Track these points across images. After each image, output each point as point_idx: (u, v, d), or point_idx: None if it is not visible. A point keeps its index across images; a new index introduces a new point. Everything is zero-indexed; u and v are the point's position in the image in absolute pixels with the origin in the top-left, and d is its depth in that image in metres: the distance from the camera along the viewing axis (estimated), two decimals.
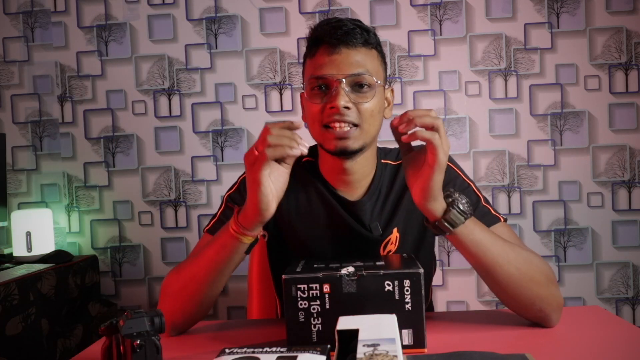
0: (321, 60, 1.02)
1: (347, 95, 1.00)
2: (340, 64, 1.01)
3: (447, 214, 0.91)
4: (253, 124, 2.16)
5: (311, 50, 1.06)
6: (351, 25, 1.03)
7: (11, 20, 2.20)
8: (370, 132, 1.04)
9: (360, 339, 0.67)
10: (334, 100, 1.00)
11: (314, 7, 2.13)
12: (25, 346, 1.64)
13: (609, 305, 2.12)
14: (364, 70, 1.02)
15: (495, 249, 0.94)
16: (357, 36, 1.02)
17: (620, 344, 0.91)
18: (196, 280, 1.00)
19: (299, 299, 0.88)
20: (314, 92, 1.04)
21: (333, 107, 1.00)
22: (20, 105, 2.21)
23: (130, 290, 2.21)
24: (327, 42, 1.02)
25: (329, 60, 1.02)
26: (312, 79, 1.03)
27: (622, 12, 2.08)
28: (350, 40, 1.01)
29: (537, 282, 0.96)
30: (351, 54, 1.02)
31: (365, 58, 1.03)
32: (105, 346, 0.80)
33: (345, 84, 1.01)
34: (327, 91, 1.02)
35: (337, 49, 1.01)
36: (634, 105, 2.09)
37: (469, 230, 0.93)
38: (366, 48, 1.04)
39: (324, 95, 1.02)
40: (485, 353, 0.81)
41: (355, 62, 1.01)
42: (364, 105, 1.02)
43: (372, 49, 1.05)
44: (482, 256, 0.94)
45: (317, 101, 1.03)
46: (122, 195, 2.20)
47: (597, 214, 2.11)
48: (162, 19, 2.17)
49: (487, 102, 2.12)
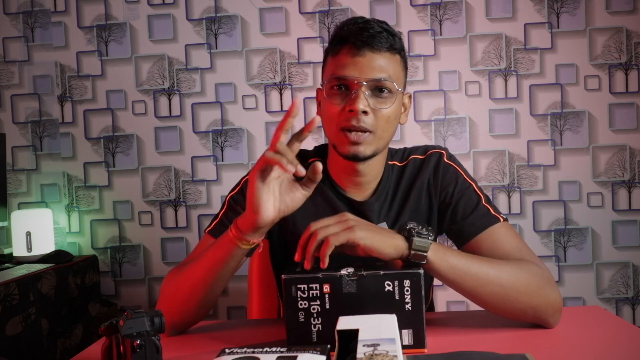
0: (344, 60, 1.02)
1: (366, 100, 1.00)
2: (363, 67, 1.00)
3: (412, 245, 0.90)
4: (253, 124, 2.16)
5: (334, 48, 1.04)
6: (378, 28, 1.02)
7: (11, 20, 2.20)
8: (384, 138, 1.04)
9: (360, 339, 0.67)
10: (354, 103, 0.99)
11: (314, 7, 2.13)
12: (25, 346, 1.64)
13: (609, 305, 2.12)
14: (386, 75, 1.01)
15: (473, 270, 0.93)
16: (383, 40, 1.01)
17: (620, 344, 0.91)
18: (194, 283, 1.00)
19: (299, 299, 0.88)
20: (333, 91, 1.03)
21: (352, 110, 0.99)
22: (20, 105, 2.21)
23: (130, 290, 2.21)
24: (352, 43, 1.01)
25: (352, 62, 1.01)
26: (333, 78, 1.02)
27: (622, 12, 2.08)
28: (376, 43, 1.00)
29: (526, 293, 0.94)
30: (375, 57, 1.01)
31: (389, 63, 1.02)
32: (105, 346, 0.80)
33: (366, 88, 1.00)
34: (346, 92, 1.02)
35: (361, 51, 1.00)
36: (634, 105, 2.09)
37: (443, 256, 0.92)
38: (390, 53, 1.02)
39: (344, 97, 1.02)
40: (486, 353, 0.81)
41: (378, 67, 1.01)
42: (382, 112, 1.01)
43: (396, 54, 1.04)
44: (462, 281, 0.93)
45: (335, 101, 1.02)
46: (122, 195, 2.20)
47: (597, 214, 2.11)
48: (162, 19, 2.17)
49: (487, 102, 2.12)
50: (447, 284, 0.95)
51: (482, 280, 0.93)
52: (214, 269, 0.98)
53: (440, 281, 0.96)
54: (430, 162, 1.14)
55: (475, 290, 0.94)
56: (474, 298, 0.96)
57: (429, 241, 0.90)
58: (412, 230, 0.90)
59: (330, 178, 1.13)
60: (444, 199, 1.11)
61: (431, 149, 1.16)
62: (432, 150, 1.15)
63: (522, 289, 0.94)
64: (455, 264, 0.92)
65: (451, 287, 0.95)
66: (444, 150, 1.15)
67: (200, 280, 0.99)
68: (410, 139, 2.11)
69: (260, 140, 2.16)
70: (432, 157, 1.14)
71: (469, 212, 1.07)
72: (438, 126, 2.12)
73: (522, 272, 0.96)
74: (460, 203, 1.09)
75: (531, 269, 0.97)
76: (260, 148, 2.16)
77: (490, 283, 0.93)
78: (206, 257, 0.99)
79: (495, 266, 0.95)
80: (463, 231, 1.07)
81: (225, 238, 0.96)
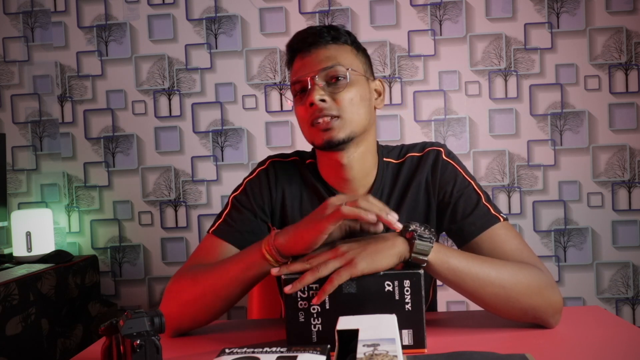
0: (296, 66, 1.08)
1: (321, 90, 1.03)
2: (311, 63, 1.05)
3: (413, 248, 0.89)
4: (253, 124, 2.16)
5: (289, 63, 1.11)
6: (319, 28, 1.08)
7: (11, 20, 2.20)
8: (354, 120, 1.04)
9: (360, 339, 0.67)
10: (309, 96, 1.03)
11: (314, 7, 2.13)
12: (25, 346, 1.64)
13: (609, 305, 2.12)
14: (335, 62, 1.04)
15: (474, 272, 0.93)
16: (324, 35, 1.06)
17: (620, 344, 0.91)
18: (216, 294, 0.99)
19: (299, 299, 0.88)
20: (297, 97, 1.08)
21: (312, 103, 1.02)
22: (20, 105, 2.21)
23: (130, 290, 2.21)
24: (300, 50, 1.08)
25: (302, 64, 1.07)
26: (292, 85, 1.08)
27: (622, 12, 2.08)
28: (318, 40, 1.06)
29: (527, 294, 0.94)
30: (321, 52, 1.06)
31: (337, 52, 1.06)
32: (105, 346, 0.80)
33: (319, 79, 1.04)
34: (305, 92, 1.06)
35: (307, 52, 1.06)
36: (634, 105, 2.09)
37: (443, 258, 0.91)
38: (336, 44, 1.07)
39: (304, 96, 1.05)
40: (486, 353, 0.81)
41: (325, 58, 1.05)
42: (340, 95, 1.04)
43: (343, 44, 1.08)
44: (462, 282, 0.93)
45: (300, 103, 1.07)
46: (122, 195, 2.20)
47: (597, 214, 2.11)
48: (162, 19, 2.17)
49: (487, 102, 2.12)
50: (447, 285, 0.95)
51: (483, 281, 0.93)
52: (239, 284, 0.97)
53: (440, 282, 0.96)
54: (428, 160, 1.12)
55: (476, 291, 0.94)
56: (474, 299, 0.96)
57: (431, 245, 0.89)
58: (414, 233, 0.89)
59: (323, 180, 1.13)
60: (443, 198, 1.10)
61: (429, 145, 1.14)
62: (430, 148, 1.14)
63: (523, 290, 0.94)
64: (456, 265, 0.92)
65: (451, 287, 0.95)
66: (442, 147, 1.13)
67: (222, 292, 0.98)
68: (410, 139, 2.11)
69: (260, 140, 2.16)
70: (430, 155, 1.13)
71: (468, 212, 1.06)
72: (438, 126, 2.12)
73: (523, 273, 0.95)
74: (460, 202, 1.07)
75: (532, 270, 0.97)
76: (261, 148, 2.16)
77: (492, 284, 0.93)
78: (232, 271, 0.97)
79: (497, 267, 0.95)
80: (463, 231, 1.06)
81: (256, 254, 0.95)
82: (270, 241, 0.94)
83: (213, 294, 0.99)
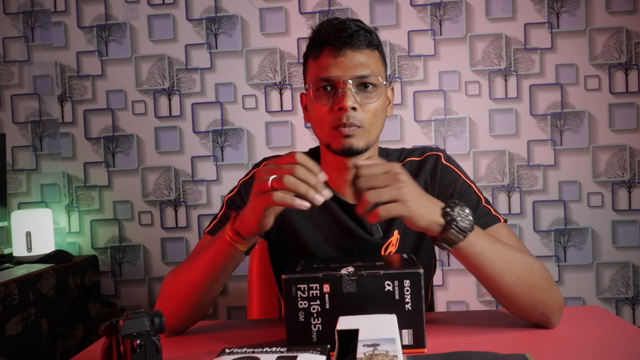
0: (326, 62, 1.04)
1: (353, 96, 1.02)
2: (346, 66, 1.02)
3: (445, 233, 0.88)
4: (253, 124, 2.16)
5: (314, 52, 1.06)
6: (354, 27, 1.04)
7: (11, 20, 2.20)
8: (373, 131, 1.05)
9: (360, 339, 0.67)
10: (342, 101, 1.01)
11: (314, 7, 2.13)
12: (25, 346, 1.64)
13: (609, 305, 2.12)
14: (369, 71, 1.03)
15: (496, 260, 0.92)
16: (361, 38, 1.03)
17: (620, 344, 0.91)
18: (191, 284, 1.00)
19: (299, 299, 0.88)
20: (320, 92, 1.05)
21: (341, 107, 1.01)
22: (20, 105, 2.21)
23: (130, 290, 2.21)
24: (331, 44, 1.03)
25: (334, 63, 1.03)
26: (318, 80, 1.04)
27: (622, 12, 2.08)
28: (355, 42, 1.03)
29: (539, 287, 0.95)
30: (356, 55, 1.03)
31: (369, 59, 1.04)
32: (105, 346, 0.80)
33: (352, 85, 1.02)
34: (333, 92, 1.03)
35: (342, 51, 1.03)
36: (634, 105, 2.09)
37: (470, 243, 0.90)
38: (369, 49, 1.05)
39: (331, 96, 1.03)
40: (485, 353, 0.81)
41: (360, 64, 1.03)
42: (370, 106, 1.03)
43: (374, 50, 1.06)
44: (484, 268, 0.92)
45: (323, 102, 1.04)
46: (122, 195, 2.20)
47: (597, 214, 2.11)
48: (162, 19, 2.17)
49: (487, 102, 2.12)
50: (468, 269, 0.95)
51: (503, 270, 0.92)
52: (210, 271, 0.98)
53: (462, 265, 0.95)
54: (428, 164, 1.14)
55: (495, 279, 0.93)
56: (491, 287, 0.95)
57: (462, 238, 0.88)
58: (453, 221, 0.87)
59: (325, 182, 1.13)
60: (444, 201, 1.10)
61: (428, 150, 1.15)
62: (430, 152, 1.15)
63: (536, 282, 0.94)
64: (480, 252, 0.91)
65: (471, 272, 0.95)
66: (441, 152, 1.15)
67: (196, 282, 1.00)
68: (411, 139, 2.11)
69: (260, 140, 2.16)
70: (429, 159, 1.14)
71: None
72: (438, 126, 2.12)
73: (537, 266, 0.96)
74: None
75: (542, 265, 0.98)
76: (261, 148, 2.16)
77: (510, 273, 0.93)
78: (203, 260, 0.99)
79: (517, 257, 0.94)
80: None
81: (222, 240, 0.95)
82: (231, 225, 0.94)
83: (190, 285, 1.00)
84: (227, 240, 0.94)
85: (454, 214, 0.88)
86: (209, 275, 0.98)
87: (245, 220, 0.92)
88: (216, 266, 0.97)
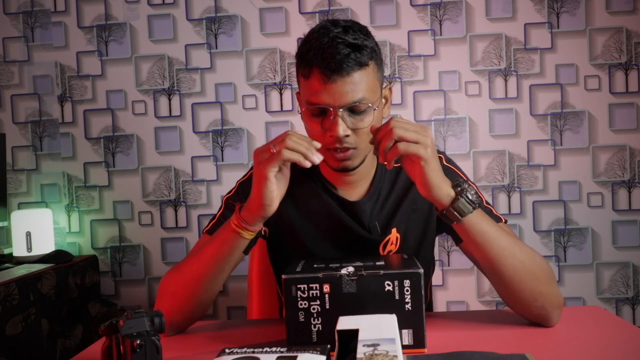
0: (316, 86, 0.99)
1: (345, 123, 0.99)
2: (336, 93, 0.98)
3: (455, 203, 0.93)
4: (253, 124, 2.16)
5: (303, 70, 1.01)
6: (344, 49, 0.96)
7: (11, 20, 2.20)
8: (368, 147, 1.03)
9: (360, 339, 0.67)
10: (333, 130, 0.98)
11: (314, 7, 2.13)
12: (25, 346, 1.64)
13: (609, 305, 2.12)
14: (360, 96, 0.98)
15: (501, 241, 0.97)
16: (351, 62, 0.97)
17: (620, 344, 0.91)
18: (196, 278, 1.02)
19: (299, 299, 0.89)
20: (312, 113, 1.02)
21: (332, 135, 0.99)
22: (20, 105, 2.21)
23: (130, 290, 2.21)
24: (320, 69, 0.98)
25: (324, 89, 0.98)
26: (308, 103, 1.01)
27: (622, 12, 2.08)
28: (345, 68, 0.96)
29: (540, 278, 0.98)
30: (346, 82, 0.97)
31: (361, 80, 0.98)
32: (105, 346, 0.80)
33: (343, 112, 0.99)
34: (324, 115, 1.00)
35: (331, 78, 0.97)
36: (634, 105, 2.09)
37: (477, 220, 0.95)
38: (361, 70, 0.99)
39: (322, 119, 1.01)
40: (485, 353, 0.81)
41: (351, 90, 0.98)
42: (362, 130, 1.01)
43: (365, 67, 1.00)
44: (489, 247, 0.96)
45: (315, 125, 1.02)
46: (122, 195, 2.20)
47: (597, 214, 2.11)
48: (162, 19, 2.17)
49: (487, 102, 2.12)
50: (472, 250, 0.99)
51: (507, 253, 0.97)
52: (215, 262, 1.01)
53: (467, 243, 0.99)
54: None
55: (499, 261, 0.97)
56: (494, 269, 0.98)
57: (472, 210, 0.94)
58: (462, 192, 0.93)
59: (323, 177, 1.14)
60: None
61: None
62: None
63: (537, 272, 0.98)
64: (486, 230, 0.96)
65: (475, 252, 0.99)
66: (441, 154, 1.15)
67: (201, 275, 1.02)
68: None
69: (261, 140, 2.16)
70: None
71: None
72: (438, 126, 2.12)
73: (539, 258, 1.01)
74: None
75: (544, 260, 1.01)
76: None
77: (514, 257, 0.97)
78: (208, 252, 1.02)
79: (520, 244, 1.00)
80: None
81: (227, 230, 0.99)
82: (237, 214, 0.98)
83: (194, 279, 1.02)
84: (233, 229, 0.98)
85: (463, 186, 0.94)
86: (214, 267, 1.01)
87: (251, 201, 0.97)
88: (221, 256, 1.00)
